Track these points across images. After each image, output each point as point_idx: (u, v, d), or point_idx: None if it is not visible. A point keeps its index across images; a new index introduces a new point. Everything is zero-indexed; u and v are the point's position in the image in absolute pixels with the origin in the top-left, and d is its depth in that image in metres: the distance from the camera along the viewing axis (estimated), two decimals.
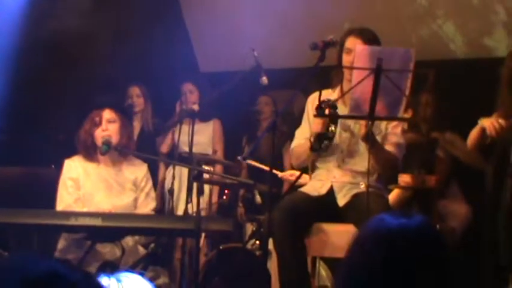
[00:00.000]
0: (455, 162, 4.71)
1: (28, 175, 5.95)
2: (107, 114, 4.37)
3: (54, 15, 6.19)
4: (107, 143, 4.27)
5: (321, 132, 3.75)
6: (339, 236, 3.77)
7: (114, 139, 4.33)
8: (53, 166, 5.92)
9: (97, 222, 3.73)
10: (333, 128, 3.74)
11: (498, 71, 4.07)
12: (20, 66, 6.20)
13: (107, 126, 4.34)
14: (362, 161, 3.84)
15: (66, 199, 4.28)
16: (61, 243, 4.21)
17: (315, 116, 3.71)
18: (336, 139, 3.90)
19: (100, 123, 4.35)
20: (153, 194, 4.55)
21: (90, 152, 4.37)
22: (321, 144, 3.77)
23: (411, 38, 5.85)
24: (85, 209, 4.21)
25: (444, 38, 5.87)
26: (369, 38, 3.89)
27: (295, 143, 4.09)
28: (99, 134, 4.33)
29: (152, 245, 4.23)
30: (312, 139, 3.79)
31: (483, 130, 3.85)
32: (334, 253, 3.79)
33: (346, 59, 3.87)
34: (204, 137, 5.76)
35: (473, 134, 3.98)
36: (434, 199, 4.58)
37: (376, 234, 1.65)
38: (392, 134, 3.93)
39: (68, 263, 1.22)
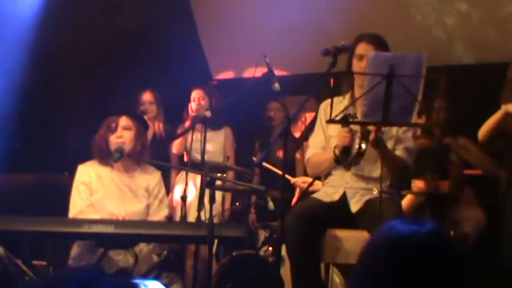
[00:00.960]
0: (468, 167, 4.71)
1: (42, 182, 5.98)
2: (123, 121, 4.41)
3: (66, 23, 6.23)
4: (119, 151, 4.31)
5: (347, 146, 3.72)
6: (352, 242, 3.76)
7: (128, 146, 4.35)
8: (66, 173, 5.97)
9: (110, 229, 3.74)
10: (364, 146, 3.70)
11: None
12: (34, 74, 6.24)
13: (122, 133, 4.37)
14: (375, 167, 3.84)
15: (78, 204, 4.30)
16: (74, 250, 4.22)
17: (342, 126, 3.68)
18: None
19: (116, 129, 4.38)
20: (166, 201, 4.57)
21: (105, 157, 4.40)
22: (347, 158, 3.73)
23: (420, 44, 5.84)
24: (97, 215, 4.23)
25: (454, 43, 5.86)
26: (380, 43, 3.89)
27: (311, 152, 4.06)
28: (114, 141, 4.36)
29: (165, 252, 4.24)
30: (336, 151, 3.75)
31: (507, 114, 3.85)
32: (348, 259, 3.78)
33: (357, 65, 3.87)
34: (216, 145, 5.77)
35: (494, 118, 3.97)
36: (447, 205, 4.57)
37: (387, 240, 1.66)
38: (403, 139, 3.92)
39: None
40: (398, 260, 1.61)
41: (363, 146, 3.69)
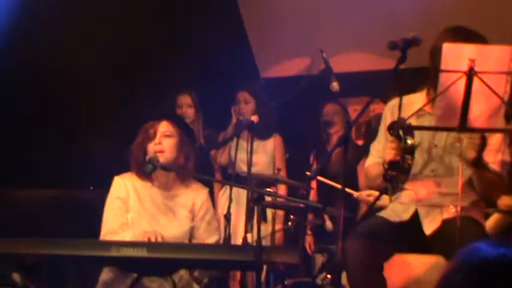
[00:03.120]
0: None
1: (64, 198, 6.06)
2: (163, 126, 4.33)
3: (96, 25, 6.34)
4: (152, 162, 4.18)
5: (394, 160, 3.66)
6: (425, 269, 3.74)
7: (168, 156, 4.27)
8: (91, 188, 6.03)
9: (142, 253, 3.72)
10: (410, 160, 3.64)
11: None
12: (57, 81, 6.34)
13: (161, 140, 4.29)
14: (453, 181, 3.78)
15: (110, 224, 4.26)
16: (105, 274, 4.20)
17: (390, 133, 3.64)
18: (423, 155, 3.85)
19: (154, 136, 4.31)
20: (215, 224, 4.49)
21: (143, 169, 4.27)
22: (393, 174, 3.67)
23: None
24: (130, 234, 4.20)
25: None
26: (460, 34, 3.85)
27: (370, 160, 4.06)
28: (152, 149, 4.29)
29: (205, 280, 4.23)
30: (385, 166, 3.72)
31: None
32: None
33: None
34: (265, 155, 5.77)
35: None
36: None
37: (469, 266, 1.62)
38: (494, 149, 3.85)
39: None
40: None
41: (409, 160, 3.59)
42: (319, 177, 4.94)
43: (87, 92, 6.62)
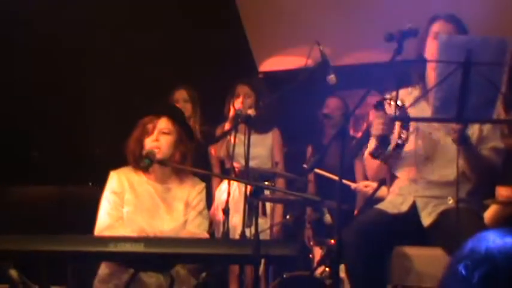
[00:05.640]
0: None
1: (63, 194, 6.04)
2: (162, 123, 4.31)
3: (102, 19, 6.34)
4: (149, 157, 4.19)
5: (382, 135, 3.69)
6: (424, 262, 3.72)
7: (164, 153, 4.26)
8: (90, 183, 6.01)
9: (139, 248, 3.70)
10: (403, 134, 3.66)
11: None
12: (55, 75, 6.33)
13: (158, 137, 4.28)
14: (450, 170, 3.77)
15: (107, 218, 4.26)
16: (103, 269, 4.20)
17: (375, 109, 3.66)
18: (419, 146, 3.85)
19: (152, 131, 4.30)
20: (206, 214, 4.50)
21: (139, 164, 4.28)
22: (382, 149, 3.70)
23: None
24: (128, 230, 4.20)
25: None
26: (460, 26, 3.87)
27: (367, 151, 4.05)
28: (149, 144, 4.27)
29: (203, 274, 4.20)
30: (372, 142, 3.74)
31: None
32: (419, 282, 3.73)
33: (432, 46, 3.83)
34: (263, 149, 5.74)
35: None
36: None
37: (476, 254, 1.60)
38: (489, 137, 3.85)
39: None
40: (492, 281, 1.54)
41: (403, 135, 3.65)
42: (316, 170, 4.91)
43: (87, 87, 6.61)
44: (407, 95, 3.86)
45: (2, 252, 3.61)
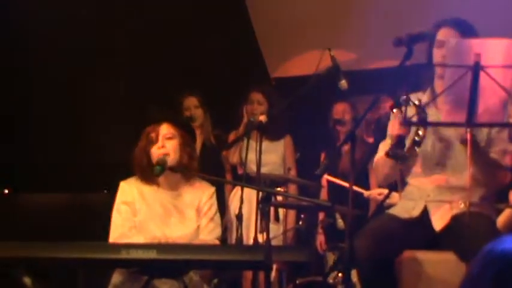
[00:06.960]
0: None
1: (78, 202, 6.06)
2: (164, 129, 4.33)
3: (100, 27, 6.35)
4: (161, 164, 4.21)
5: (401, 135, 3.67)
6: (435, 266, 3.70)
7: (173, 158, 4.28)
8: (105, 191, 6.02)
9: (151, 255, 3.71)
10: (421, 132, 3.65)
11: None
12: (67, 81, 6.35)
13: (164, 143, 4.30)
14: (462, 175, 3.76)
15: (120, 227, 4.27)
16: (116, 277, 4.20)
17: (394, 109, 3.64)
18: (429, 150, 3.83)
19: (156, 140, 4.32)
20: (218, 220, 4.50)
21: (147, 173, 4.31)
22: (400, 149, 3.67)
23: None
24: (141, 238, 4.21)
25: None
26: (466, 30, 3.83)
27: (377, 156, 4.04)
28: (156, 152, 4.29)
29: (215, 280, 4.20)
30: (388, 142, 3.72)
31: None
32: (430, 286, 3.71)
33: (437, 54, 3.82)
34: (275, 155, 5.74)
35: None
36: None
37: (490, 255, 1.59)
38: (497, 140, 3.83)
39: None
40: (505, 279, 1.53)
41: (420, 132, 3.63)
42: (327, 177, 4.89)
43: (99, 94, 6.62)
44: (416, 100, 3.84)
45: (15, 259, 3.61)
